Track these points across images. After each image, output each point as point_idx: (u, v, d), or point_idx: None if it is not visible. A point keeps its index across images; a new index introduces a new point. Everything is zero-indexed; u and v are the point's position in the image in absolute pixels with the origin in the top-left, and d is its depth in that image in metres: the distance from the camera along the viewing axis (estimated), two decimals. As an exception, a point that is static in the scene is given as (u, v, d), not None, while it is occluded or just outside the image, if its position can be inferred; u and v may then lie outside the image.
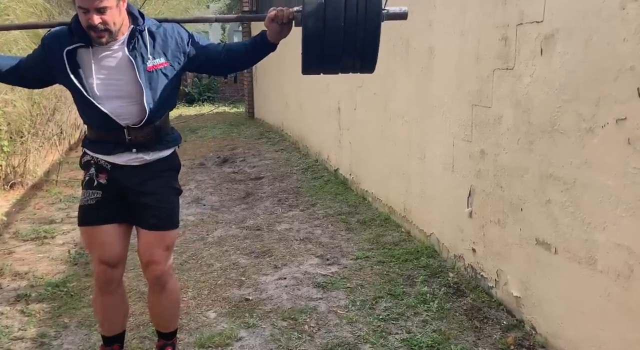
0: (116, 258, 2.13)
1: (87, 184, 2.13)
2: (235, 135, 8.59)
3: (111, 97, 2.01)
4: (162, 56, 2.04)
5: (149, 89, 2.02)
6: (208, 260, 3.60)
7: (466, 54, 3.05)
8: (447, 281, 3.11)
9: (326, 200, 4.82)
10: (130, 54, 1.99)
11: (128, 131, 2.04)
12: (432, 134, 3.55)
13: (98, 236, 2.12)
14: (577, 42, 2.17)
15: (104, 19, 1.87)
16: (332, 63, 1.93)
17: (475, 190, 3.01)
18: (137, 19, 2.01)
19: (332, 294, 3.05)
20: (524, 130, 2.55)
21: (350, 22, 1.81)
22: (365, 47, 1.87)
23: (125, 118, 2.03)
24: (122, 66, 1.99)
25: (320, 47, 1.85)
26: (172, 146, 2.19)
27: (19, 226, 4.37)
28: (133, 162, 2.10)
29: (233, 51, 2.12)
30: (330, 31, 1.82)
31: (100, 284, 2.17)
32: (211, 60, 2.13)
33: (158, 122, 2.09)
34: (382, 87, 4.33)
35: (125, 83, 2.00)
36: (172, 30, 2.07)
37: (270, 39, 2.03)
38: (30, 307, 2.97)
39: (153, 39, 2.03)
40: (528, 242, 2.55)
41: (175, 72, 2.09)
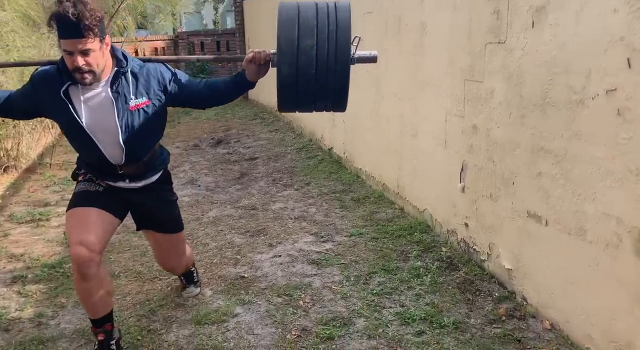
0: (96, 241, 2.11)
1: (87, 179, 2.27)
2: (229, 116, 8.55)
3: (98, 134, 2.13)
4: (144, 95, 2.16)
5: (128, 128, 2.13)
6: (204, 239, 3.61)
7: (458, 29, 3.03)
8: (440, 256, 3.14)
9: (320, 179, 4.83)
10: (113, 94, 2.09)
11: (119, 166, 2.21)
12: (424, 110, 3.55)
13: (83, 217, 2.16)
14: (568, 14, 2.16)
15: (88, 60, 1.96)
16: (305, 105, 2.04)
17: (468, 166, 3.03)
18: (121, 61, 2.11)
19: (326, 270, 3.08)
20: (516, 104, 2.55)
21: (322, 69, 1.90)
22: (336, 91, 1.97)
23: (112, 156, 2.17)
24: (105, 105, 2.09)
25: (295, 91, 1.95)
26: (160, 169, 2.39)
27: (14, 209, 4.38)
28: (126, 187, 2.29)
29: (214, 89, 2.23)
30: (302, 78, 1.91)
31: (79, 268, 2.09)
32: (193, 97, 2.25)
33: (146, 158, 2.25)
34: (375, 64, 4.29)
35: (108, 122, 2.12)
36: (155, 70, 2.20)
37: (249, 78, 2.13)
38: (26, 288, 2.99)
39: (136, 79, 2.14)
40: (519, 215, 2.58)
41: (158, 109, 2.20)
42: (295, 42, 1.89)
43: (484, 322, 2.47)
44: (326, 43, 1.89)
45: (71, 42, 1.92)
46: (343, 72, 1.92)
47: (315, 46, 1.89)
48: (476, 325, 2.45)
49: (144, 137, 2.19)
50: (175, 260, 2.63)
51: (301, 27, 1.89)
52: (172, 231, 2.51)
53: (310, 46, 1.88)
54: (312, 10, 1.92)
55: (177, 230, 2.53)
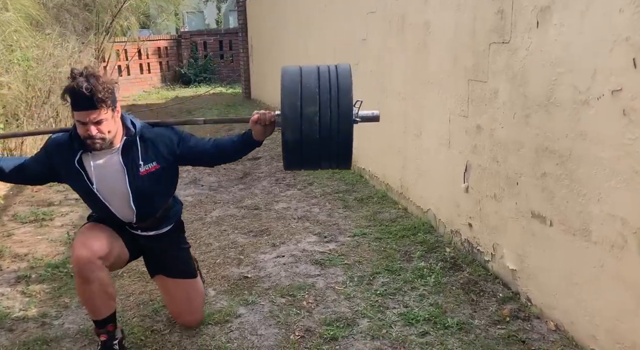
0: (100, 246, 2.15)
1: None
2: (232, 116, 8.55)
3: (110, 198, 2.22)
4: (154, 160, 2.23)
5: (141, 192, 2.21)
6: (207, 240, 3.61)
7: (462, 28, 3.02)
8: (443, 256, 3.13)
9: (323, 179, 4.82)
10: (124, 161, 2.18)
11: (132, 223, 2.31)
12: (428, 110, 3.54)
13: (93, 229, 2.25)
14: (573, 13, 2.15)
15: (100, 129, 2.06)
16: (311, 165, 2.13)
17: (472, 166, 3.02)
18: (129, 129, 2.20)
19: (329, 270, 3.07)
20: (520, 104, 2.54)
21: (325, 133, 1.95)
22: (340, 153, 2.02)
23: (124, 216, 2.27)
24: (116, 172, 2.19)
25: (299, 155, 2.01)
26: (174, 220, 2.44)
27: (18, 209, 4.38)
28: (139, 234, 2.37)
29: (221, 148, 2.29)
30: (307, 143, 1.97)
31: (80, 271, 2.10)
32: (201, 157, 2.33)
33: (159, 214, 2.33)
34: (378, 64, 4.30)
35: (119, 187, 2.19)
36: (162, 135, 2.26)
37: (256, 138, 2.19)
38: (30, 288, 3.00)
39: (145, 145, 2.22)
40: (524, 216, 2.57)
41: (168, 171, 2.29)
42: (298, 109, 1.95)
43: (488, 323, 2.46)
44: (329, 108, 1.95)
45: (85, 114, 2.02)
46: (346, 135, 1.98)
47: (318, 112, 1.94)
48: (480, 326, 2.44)
49: (155, 198, 2.30)
50: (187, 311, 2.47)
51: (304, 93, 1.95)
52: (182, 276, 2.45)
53: (313, 113, 1.94)
54: (314, 75, 1.99)
55: (188, 275, 2.48)
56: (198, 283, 2.54)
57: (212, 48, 14.04)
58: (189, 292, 2.47)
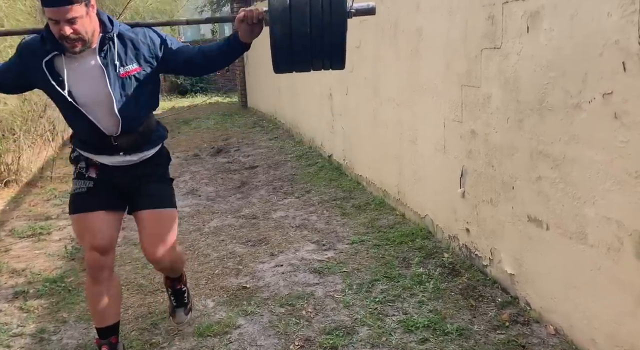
0: (107, 244, 2.15)
1: (77, 175, 2.19)
2: (228, 125, 8.57)
3: (89, 105, 2.03)
4: (135, 62, 2.06)
5: (122, 97, 2.05)
6: (205, 250, 3.61)
7: (454, 34, 3.04)
8: (442, 262, 3.13)
9: (321, 187, 4.83)
10: (102, 61, 2.01)
11: (114, 138, 2.10)
12: (423, 116, 3.55)
13: (88, 223, 2.15)
14: (563, 18, 2.17)
15: (76, 28, 1.87)
16: (302, 64, 1.96)
17: (467, 171, 3.02)
18: (106, 26, 2.02)
19: (328, 278, 3.07)
20: (513, 108, 2.55)
21: (316, 26, 1.83)
22: (332, 48, 1.90)
23: (106, 127, 2.07)
24: (95, 74, 2.02)
25: (289, 51, 1.88)
26: (158, 143, 2.26)
27: (15, 224, 4.38)
28: (122, 164, 2.17)
29: (207, 53, 2.13)
30: (297, 36, 1.84)
31: (92, 272, 2.17)
32: (185, 63, 2.15)
33: (141, 128, 2.15)
34: (373, 71, 4.32)
35: (98, 91, 2.02)
36: (144, 34, 2.09)
37: (242, 39, 2.02)
38: (28, 303, 2.99)
39: (124, 45, 2.05)
40: (520, 220, 2.57)
41: (149, 76, 2.11)
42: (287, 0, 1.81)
43: (487, 328, 2.46)
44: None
45: (56, 11, 1.83)
46: (339, 27, 1.84)
47: (309, 2, 1.81)
48: (480, 331, 2.44)
49: (138, 105, 2.09)
50: (162, 245, 2.19)
51: None
52: (160, 206, 2.21)
53: (303, 3, 1.81)
54: None
55: (166, 205, 2.23)
56: (175, 215, 2.28)
57: (207, 58, 14.04)
58: (166, 224, 2.22)
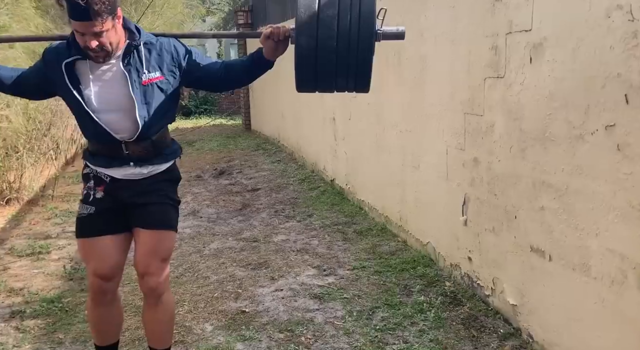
0: (110, 270, 2.14)
1: (84, 197, 2.18)
2: (232, 147, 8.60)
3: (107, 110, 2.04)
4: (158, 70, 2.06)
5: (143, 103, 2.04)
6: (204, 272, 3.58)
7: (458, 63, 3.07)
8: (443, 290, 3.10)
9: (323, 211, 4.81)
10: (125, 68, 2.02)
11: (125, 145, 2.07)
12: (426, 142, 3.56)
13: (93, 248, 2.14)
14: (565, 50, 2.19)
15: (102, 41, 1.90)
16: (325, 82, 1.93)
17: (470, 199, 3.02)
18: (134, 34, 2.04)
19: (329, 305, 3.04)
20: (516, 137, 2.56)
21: (343, 42, 1.80)
22: (358, 67, 1.86)
23: (120, 132, 2.06)
24: (117, 80, 2.02)
25: (313, 66, 1.85)
26: (170, 159, 2.21)
27: (15, 242, 4.36)
28: (131, 177, 2.13)
29: (231, 68, 2.13)
30: (322, 50, 1.81)
31: (94, 296, 2.18)
32: (209, 76, 2.14)
33: (155, 137, 2.11)
34: (376, 97, 4.35)
35: (120, 97, 2.03)
36: (169, 44, 2.10)
37: (267, 56, 2.03)
38: (24, 323, 2.96)
39: (149, 53, 2.06)
40: (523, 250, 2.55)
41: (171, 86, 2.11)
42: (315, 12, 1.77)
43: (488, 360, 2.42)
44: (349, 13, 1.77)
45: (82, 25, 1.85)
46: (366, 46, 1.80)
47: (337, 16, 1.78)
48: (481, 362, 2.40)
49: (156, 114, 2.06)
50: (154, 261, 2.12)
51: None
52: (160, 227, 2.14)
53: (331, 16, 1.78)
54: None
55: (166, 227, 2.16)
56: (173, 237, 2.21)
57: (213, 80, 14.18)
58: (160, 241, 2.14)
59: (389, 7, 2.03)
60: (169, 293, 2.26)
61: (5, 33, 4.27)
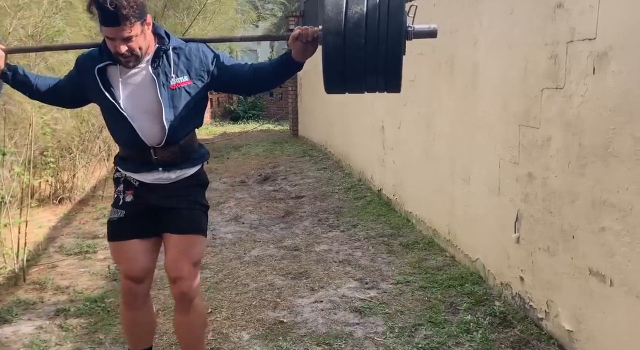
0: (141, 273, 2.16)
1: (114, 201, 2.21)
2: (277, 153, 8.61)
3: (136, 114, 2.05)
4: (186, 74, 2.07)
5: (170, 107, 2.05)
6: (244, 279, 3.55)
7: (513, 72, 2.92)
8: (492, 310, 2.94)
9: (368, 222, 4.71)
10: (154, 72, 2.03)
11: (154, 151, 2.08)
12: (476, 154, 3.41)
13: (123, 251, 2.16)
14: (633, 60, 2.03)
15: (131, 46, 1.92)
16: (354, 81, 1.88)
17: (523, 215, 2.86)
18: (163, 39, 2.07)
19: (369, 319, 2.94)
20: (575, 153, 2.39)
21: (372, 39, 1.76)
22: (387, 65, 1.81)
23: (149, 137, 2.07)
24: (146, 84, 2.04)
25: (341, 64, 1.81)
26: (198, 163, 2.22)
27: (64, 240, 4.47)
28: (160, 181, 2.14)
29: (259, 71, 2.11)
30: (350, 48, 1.77)
31: (126, 298, 2.20)
32: (237, 79, 2.14)
33: (183, 142, 2.12)
34: (427, 105, 4.23)
35: (148, 100, 2.04)
36: (197, 49, 2.11)
37: (296, 58, 2.00)
38: (68, 322, 3.00)
39: (177, 57, 2.07)
40: (581, 272, 2.38)
41: (199, 91, 2.11)
42: (342, 9, 1.76)
43: (539, 389, 2.26)
44: (377, 10, 1.75)
45: (112, 30, 1.87)
46: (396, 43, 1.76)
47: (365, 13, 1.75)
48: (531, 392, 2.24)
49: (184, 119, 2.07)
50: (185, 265, 2.10)
51: None
52: (189, 231, 2.13)
53: (359, 13, 1.75)
54: None
55: (195, 231, 2.15)
56: (202, 241, 2.19)
57: (262, 86, 14.34)
58: (190, 244, 2.13)
59: (439, 12, 1.94)
60: (200, 298, 2.25)
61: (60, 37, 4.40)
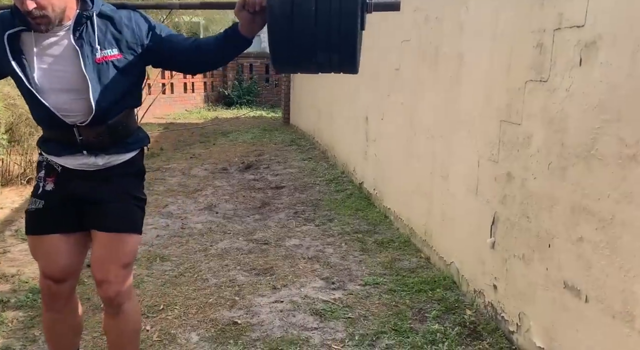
0: (61, 273, 1.90)
1: (34, 189, 1.94)
2: (266, 141, 8.38)
3: (55, 90, 1.77)
4: (115, 47, 1.78)
5: (97, 82, 1.77)
6: (205, 274, 3.34)
7: (497, 62, 2.68)
8: (462, 319, 2.73)
9: (345, 216, 4.49)
10: (77, 42, 1.75)
11: (78, 131, 1.80)
12: (457, 151, 3.18)
13: (41, 247, 1.90)
14: (623, 52, 1.79)
15: (40, 3, 1.63)
16: (304, 58, 1.64)
17: (499, 218, 2.63)
18: (86, 3, 1.77)
19: (329, 324, 2.73)
20: (556, 153, 2.16)
21: (323, 8, 1.53)
22: (341, 39, 1.58)
23: (71, 115, 1.79)
24: (67, 55, 1.75)
25: (289, 37, 1.57)
26: (133, 149, 1.94)
27: (23, 224, 4.23)
28: (85, 167, 1.86)
29: (202, 47, 1.84)
30: (299, 15, 1.54)
31: (45, 299, 1.95)
32: (176, 55, 1.86)
33: (112, 121, 1.83)
34: (410, 97, 3.98)
35: (70, 75, 1.76)
36: (129, 19, 1.81)
37: (243, 31, 1.74)
38: (4, 314, 2.78)
39: (105, 26, 1.78)
40: (555, 285, 2.16)
41: (131, 66, 1.82)
42: None
43: (502, 412, 2.05)
44: None
45: None
46: (351, 13, 1.54)
47: None
48: None
49: (113, 95, 1.79)
50: (113, 267, 1.85)
51: None
52: (120, 229, 1.86)
53: None
54: None
55: (127, 229, 1.88)
56: (136, 241, 1.93)
57: (257, 71, 14.09)
58: (120, 246, 1.86)
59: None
60: (132, 302, 1.98)
61: None
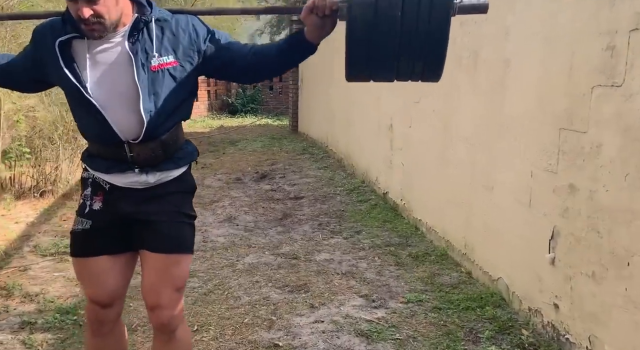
0: (108, 298, 1.77)
1: (79, 209, 1.79)
2: (276, 149, 8.21)
3: (111, 102, 1.62)
4: (171, 54, 1.65)
5: (150, 93, 1.63)
6: (236, 291, 3.16)
7: (553, 66, 2.53)
8: (520, 340, 2.56)
9: (373, 228, 4.32)
10: (131, 48, 1.61)
11: (129, 147, 1.66)
12: (502, 160, 3.02)
13: (88, 270, 1.77)
14: None
15: (97, 10, 1.51)
16: (385, 66, 1.50)
17: (560, 233, 2.47)
18: (144, 8, 1.63)
19: (377, 346, 2.55)
20: (635, 163, 2.01)
21: (410, 11, 1.39)
22: (428, 46, 1.44)
23: (123, 129, 1.65)
24: (121, 63, 1.61)
25: (370, 43, 1.43)
26: (183, 164, 1.79)
27: (41, 239, 4.06)
28: (135, 185, 1.72)
29: (262, 54, 1.69)
30: (383, 22, 1.39)
31: (91, 323, 1.84)
32: (234, 63, 1.71)
33: (165, 136, 1.70)
34: (443, 103, 3.83)
35: (121, 84, 1.62)
36: (187, 23, 1.68)
37: (309, 37, 1.59)
38: (33, 337, 2.61)
39: (162, 32, 1.65)
40: (636, 307, 2.00)
41: (187, 75, 1.68)
42: None
43: None
44: None
45: None
46: (442, 17, 1.40)
47: None
48: None
49: (167, 108, 1.67)
50: (166, 291, 1.73)
51: None
52: (172, 250, 1.75)
53: None
54: None
55: (180, 250, 1.77)
56: (188, 261, 1.81)
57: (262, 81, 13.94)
58: (172, 268, 1.74)
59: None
60: (184, 326, 1.86)
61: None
